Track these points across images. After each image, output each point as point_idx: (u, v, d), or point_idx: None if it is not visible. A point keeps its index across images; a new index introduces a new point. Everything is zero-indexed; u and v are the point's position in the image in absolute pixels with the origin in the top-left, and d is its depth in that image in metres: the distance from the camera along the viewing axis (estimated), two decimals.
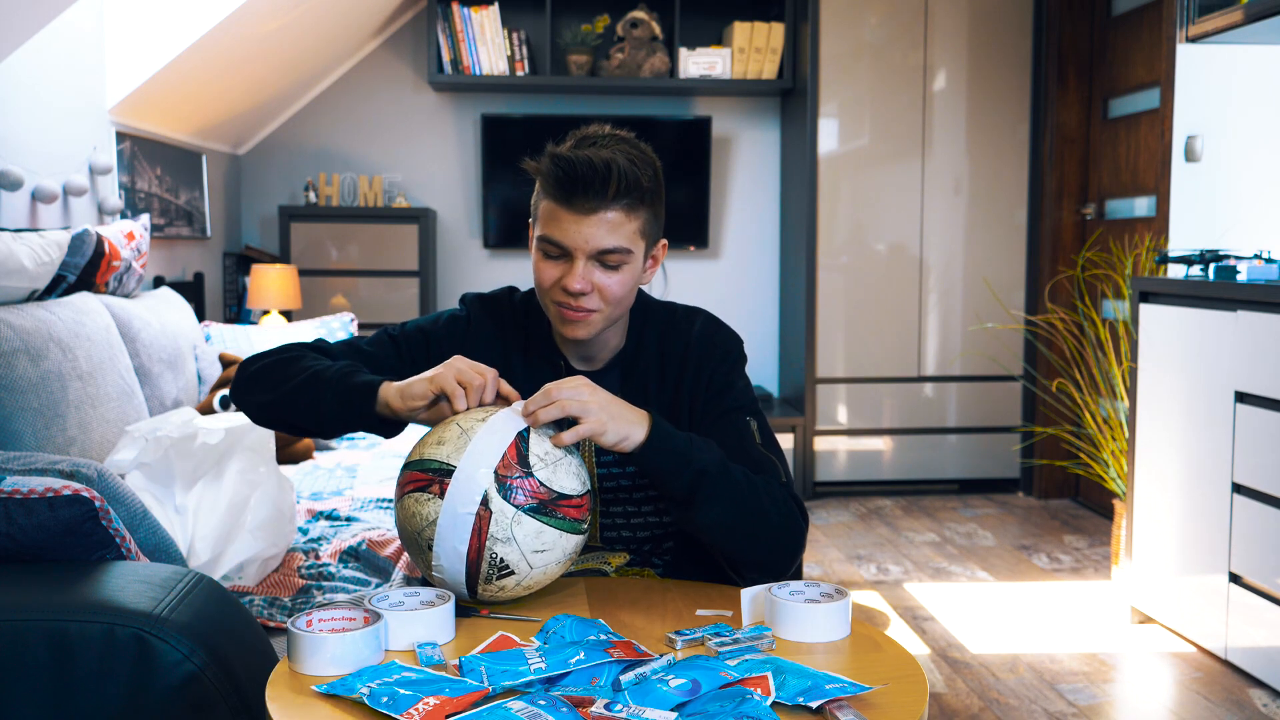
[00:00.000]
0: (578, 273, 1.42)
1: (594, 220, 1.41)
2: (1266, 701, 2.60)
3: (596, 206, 1.41)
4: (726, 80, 4.69)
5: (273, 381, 1.47)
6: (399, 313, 4.65)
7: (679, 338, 1.57)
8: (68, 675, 1.24)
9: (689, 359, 1.55)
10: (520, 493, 1.25)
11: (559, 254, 1.44)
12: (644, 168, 1.44)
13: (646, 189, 1.44)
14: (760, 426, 1.53)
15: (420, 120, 4.96)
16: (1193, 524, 2.86)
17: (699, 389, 1.54)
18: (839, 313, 4.68)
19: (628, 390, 1.54)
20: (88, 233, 2.57)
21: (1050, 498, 4.66)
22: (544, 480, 1.26)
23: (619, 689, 1.05)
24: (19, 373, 2.01)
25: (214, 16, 3.46)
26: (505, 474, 1.25)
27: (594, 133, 1.48)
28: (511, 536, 1.24)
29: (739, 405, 1.53)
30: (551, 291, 1.46)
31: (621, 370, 1.56)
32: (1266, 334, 2.57)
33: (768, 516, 1.40)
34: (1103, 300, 4.27)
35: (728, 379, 1.55)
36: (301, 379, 1.44)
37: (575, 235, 1.42)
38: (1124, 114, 4.31)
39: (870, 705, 1.05)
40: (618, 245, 1.43)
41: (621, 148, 1.44)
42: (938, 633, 3.09)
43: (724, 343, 1.57)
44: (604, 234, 1.42)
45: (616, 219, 1.42)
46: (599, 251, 1.42)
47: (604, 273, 1.44)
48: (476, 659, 1.11)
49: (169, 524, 2.00)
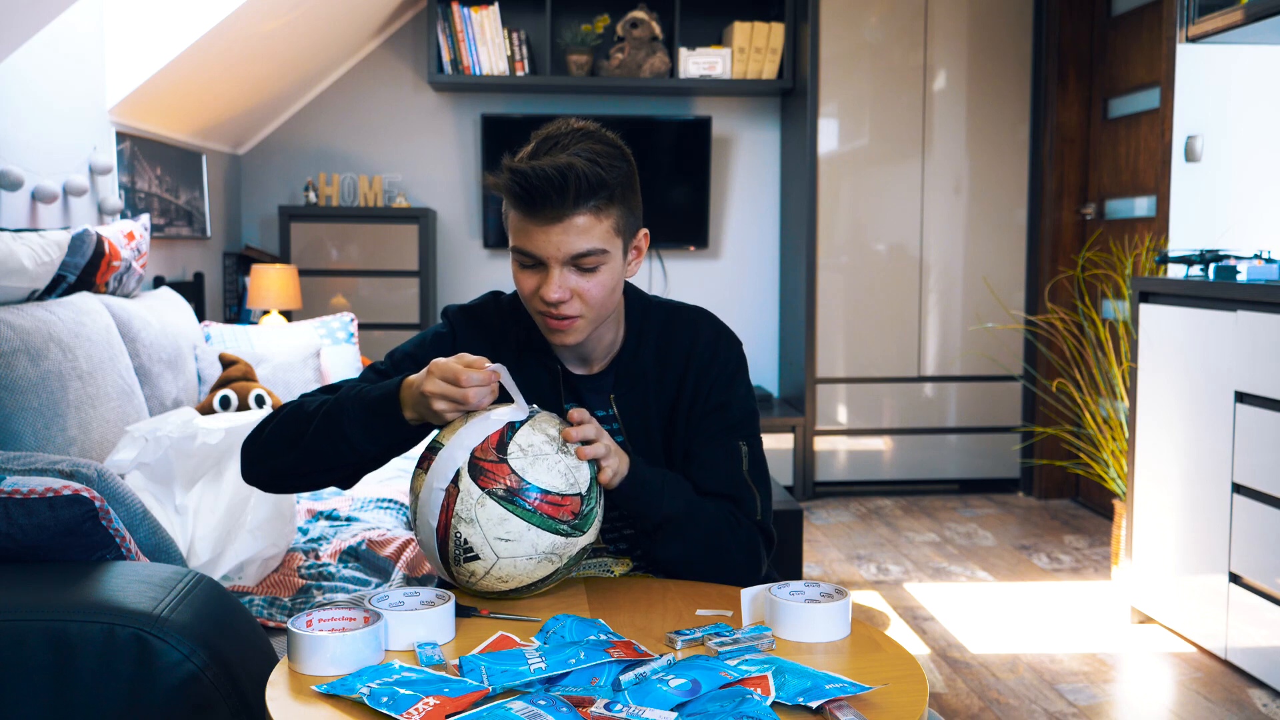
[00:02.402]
0: (554, 282, 1.38)
1: (561, 228, 1.37)
2: (1266, 701, 2.60)
3: (560, 215, 1.36)
4: (726, 80, 4.69)
5: (286, 438, 1.42)
6: (399, 313, 4.65)
7: (680, 344, 1.53)
8: (68, 675, 1.24)
9: (690, 369, 1.52)
10: (489, 476, 1.26)
11: (533, 263, 1.40)
12: (608, 163, 1.38)
13: (614, 185, 1.38)
14: (751, 451, 1.52)
15: (420, 120, 4.96)
16: (1193, 524, 2.86)
17: (697, 400, 1.51)
18: (839, 313, 4.68)
19: (624, 394, 1.51)
20: (88, 233, 2.57)
21: (1050, 498, 4.66)
22: (517, 469, 1.27)
23: (619, 689, 1.05)
24: (19, 373, 2.01)
25: (214, 16, 3.46)
26: (480, 457, 1.27)
27: (554, 131, 1.42)
28: (475, 518, 1.26)
29: (733, 426, 1.52)
30: (532, 301, 1.43)
31: (617, 373, 1.53)
32: (1266, 334, 2.57)
33: (726, 554, 1.45)
34: (1103, 300, 4.27)
35: (726, 395, 1.52)
36: (317, 421, 1.40)
37: (545, 245, 1.38)
38: (1124, 114, 4.31)
39: (870, 705, 1.05)
40: (591, 248, 1.38)
41: (583, 145, 1.38)
42: (938, 633, 3.09)
43: (726, 352, 1.54)
44: (574, 240, 1.37)
45: (585, 223, 1.37)
46: (572, 257, 1.38)
47: (581, 276, 1.40)
48: (476, 659, 1.11)
49: (169, 524, 2.00)
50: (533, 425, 1.31)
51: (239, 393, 2.95)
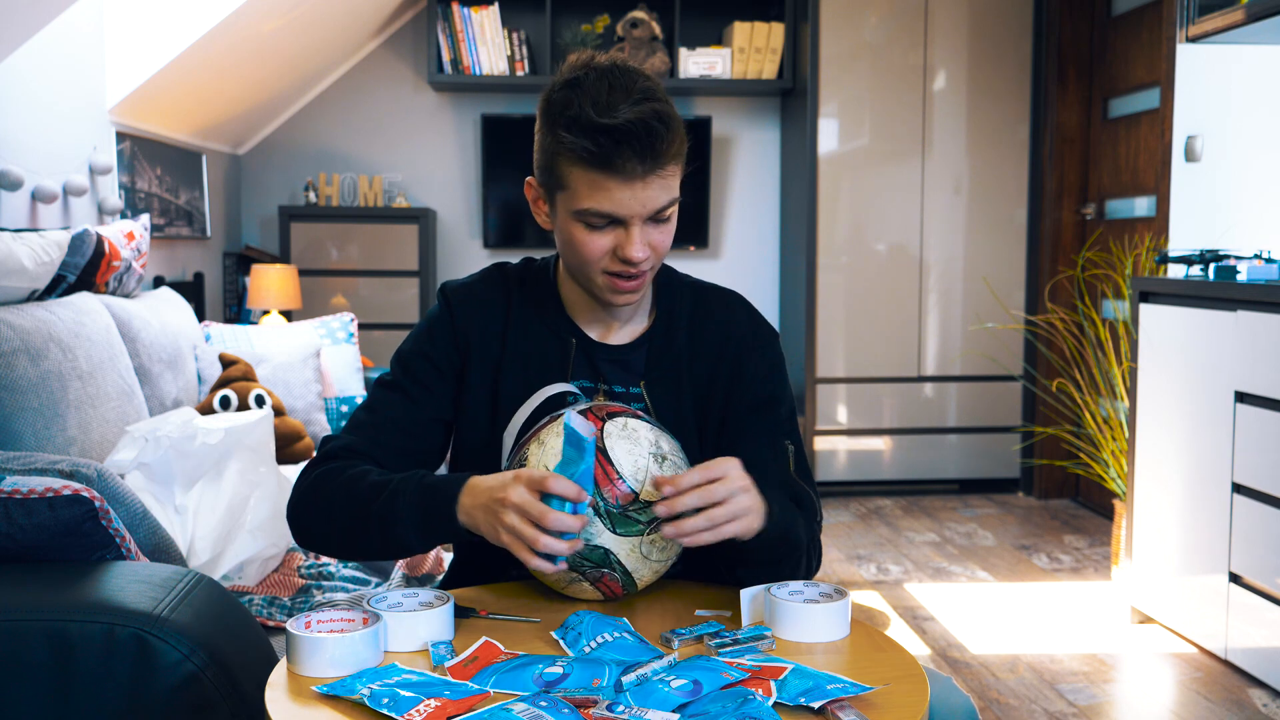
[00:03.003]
0: (638, 240, 1.28)
1: (648, 183, 1.25)
2: (1266, 701, 2.60)
3: (655, 167, 1.25)
4: (726, 80, 4.69)
5: (337, 524, 1.32)
6: (399, 313, 4.65)
7: (714, 326, 1.43)
8: (68, 675, 1.24)
9: (726, 355, 1.41)
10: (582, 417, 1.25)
11: (605, 223, 1.28)
12: (669, 101, 1.27)
13: (680, 122, 1.28)
14: (797, 454, 1.41)
15: (420, 120, 4.96)
16: (1193, 524, 2.86)
17: (735, 390, 1.41)
18: (839, 313, 4.68)
19: (656, 379, 1.40)
20: (88, 233, 2.57)
21: (1050, 498, 4.66)
22: (605, 428, 1.25)
23: (621, 690, 1.05)
24: (19, 373, 2.01)
25: (214, 16, 3.46)
26: (591, 405, 1.29)
27: (594, 70, 1.27)
28: (546, 441, 1.26)
29: (780, 424, 1.42)
30: (602, 263, 1.30)
31: (650, 351, 1.41)
32: (1266, 334, 2.57)
33: (797, 567, 1.34)
34: (1103, 300, 4.27)
35: (771, 389, 1.42)
36: (372, 520, 1.28)
37: (630, 203, 1.25)
38: (1124, 114, 4.31)
39: (871, 705, 1.04)
40: (673, 198, 1.29)
41: (640, 85, 1.25)
42: (938, 633, 3.09)
43: (766, 340, 1.44)
44: (659, 194, 1.27)
45: (670, 171, 1.27)
46: (655, 211, 1.28)
47: (656, 228, 1.30)
48: (487, 672, 1.09)
49: (169, 524, 2.00)
50: (653, 423, 1.29)
51: (239, 393, 2.95)
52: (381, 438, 1.38)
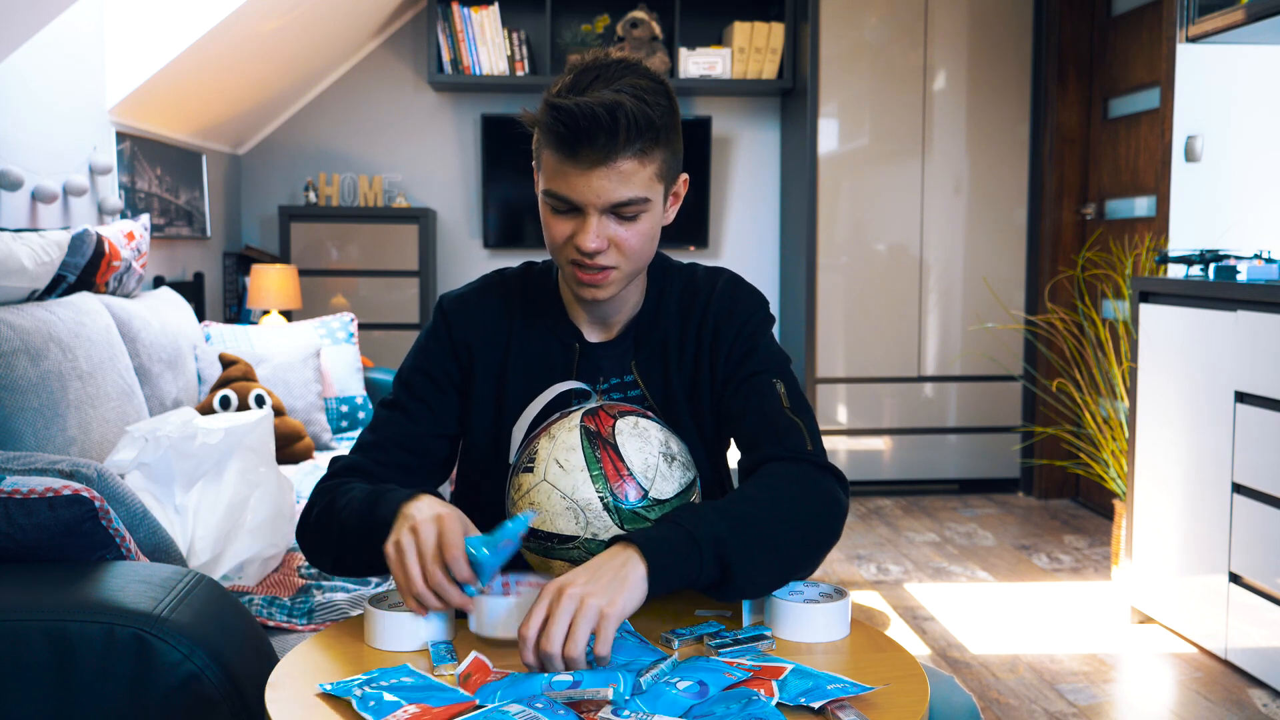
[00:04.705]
0: (591, 230, 1.27)
1: (603, 172, 1.25)
2: (1266, 701, 2.60)
3: (605, 157, 1.24)
4: (726, 80, 4.69)
5: (329, 541, 1.32)
6: (399, 313, 4.65)
7: (699, 297, 1.42)
8: (68, 675, 1.24)
9: (708, 319, 1.41)
10: (598, 415, 1.29)
11: (567, 209, 1.28)
12: (655, 101, 1.26)
13: (660, 126, 1.26)
14: (789, 389, 1.38)
15: (420, 120, 4.96)
16: (1193, 524, 2.86)
17: (719, 352, 1.40)
18: (839, 313, 4.68)
19: (645, 358, 1.41)
20: (88, 233, 2.57)
21: (1050, 498, 4.66)
22: (617, 424, 1.28)
23: (640, 691, 1.04)
24: (19, 373, 2.01)
25: (214, 16, 3.46)
26: (604, 404, 1.32)
27: (594, 61, 1.29)
28: (556, 435, 1.28)
29: (764, 368, 1.39)
30: (564, 250, 1.31)
31: (635, 336, 1.42)
32: (1266, 334, 2.57)
33: (799, 518, 1.23)
34: (1103, 300, 4.27)
35: (751, 342, 1.40)
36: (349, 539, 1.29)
37: (584, 190, 1.25)
38: (1124, 114, 4.31)
39: (871, 705, 1.04)
40: (633, 196, 1.27)
41: (628, 80, 1.26)
42: (938, 633, 3.09)
43: (747, 301, 1.43)
44: (616, 186, 1.25)
45: (629, 168, 1.25)
46: (613, 205, 1.27)
47: (620, 225, 1.28)
48: (491, 687, 1.07)
49: (169, 524, 2.00)
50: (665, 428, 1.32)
51: (239, 393, 2.95)
52: (384, 456, 1.40)
